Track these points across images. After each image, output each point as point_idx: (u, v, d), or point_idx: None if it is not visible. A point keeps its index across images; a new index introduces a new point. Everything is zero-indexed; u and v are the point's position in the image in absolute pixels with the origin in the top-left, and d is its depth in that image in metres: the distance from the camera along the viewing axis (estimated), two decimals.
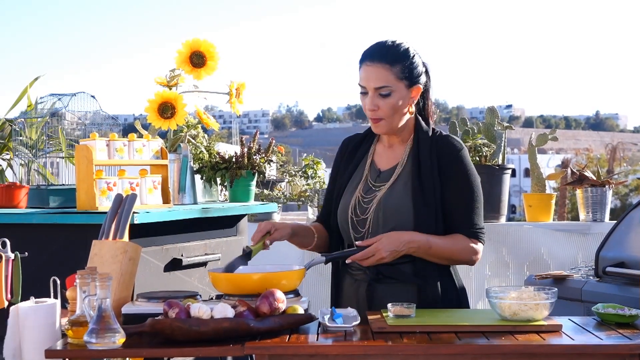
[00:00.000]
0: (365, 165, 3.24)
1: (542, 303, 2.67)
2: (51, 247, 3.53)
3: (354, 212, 3.15)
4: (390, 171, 3.17)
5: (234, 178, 4.42)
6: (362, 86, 3.09)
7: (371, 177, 3.20)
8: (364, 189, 3.18)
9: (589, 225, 5.18)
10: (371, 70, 3.06)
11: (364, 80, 3.08)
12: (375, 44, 3.13)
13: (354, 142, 3.34)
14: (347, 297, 3.18)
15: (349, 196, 3.19)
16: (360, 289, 3.14)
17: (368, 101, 3.08)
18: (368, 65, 3.07)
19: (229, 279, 2.85)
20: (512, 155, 54.87)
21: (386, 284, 3.09)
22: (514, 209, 43.12)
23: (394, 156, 3.21)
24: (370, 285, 3.10)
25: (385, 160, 3.22)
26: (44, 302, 2.59)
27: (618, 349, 2.45)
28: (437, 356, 2.46)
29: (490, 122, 5.36)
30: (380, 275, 3.09)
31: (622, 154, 30.45)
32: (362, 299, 3.11)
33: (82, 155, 3.52)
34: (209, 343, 2.44)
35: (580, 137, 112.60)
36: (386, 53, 3.07)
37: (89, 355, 2.38)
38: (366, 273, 3.12)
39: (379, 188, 3.15)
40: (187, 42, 4.26)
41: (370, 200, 3.13)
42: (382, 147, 3.26)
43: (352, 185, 3.22)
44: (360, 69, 3.10)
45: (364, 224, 3.12)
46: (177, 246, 3.79)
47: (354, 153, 3.30)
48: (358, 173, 3.24)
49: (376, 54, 3.08)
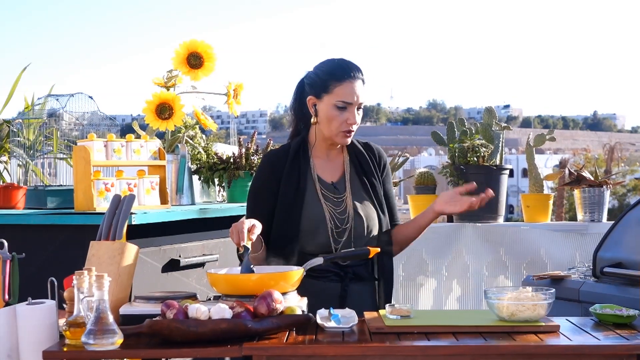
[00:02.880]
0: (313, 179, 3.29)
1: (540, 304, 2.67)
2: (49, 247, 3.52)
3: (333, 223, 3.23)
4: (342, 182, 3.32)
5: (231, 178, 4.42)
6: (346, 102, 3.19)
7: (327, 189, 3.28)
8: (328, 200, 3.26)
9: (587, 226, 5.18)
10: (357, 85, 3.21)
11: (350, 95, 3.19)
12: (345, 63, 3.26)
13: (281, 158, 3.30)
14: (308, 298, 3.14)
15: (316, 209, 3.23)
16: (330, 290, 3.21)
17: (351, 115, 3.21)
18: (352, 82, 3.20)
19: (227, 280, 2.85)
20: (510, 155, 54.85)
21: (356, 284, 3.25)
22: (512, 209, 43.11)
23: (335, 167, 3.35)
24: (346, 285, 3.23)
25: (330, 172, 3.34)
26: (42, 303, 2.59)
27: (616, 349, 2.46)
28: (435, 357, 2.46)
29: (488, 122, 5.36)
30: (354, 275, 3.25)
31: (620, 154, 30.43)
32: (333, 300, 3.16)
33: (80, 156, 3.52)
34: (206, 344, 2.44)
35: (578, 137, 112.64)
36: (360, 72, 3.25)
37: (86, 357, 2.38)
38: (340, 275, 3.23)
39: (342, 198, 3.28)
40: (184, 43, 4.26)
41: (344, 210, 3.26)
42: (320, 160, 3.34)
43: (310, 199, 3.25)
44: (342, 85, 3.20)
45: (342, 234, 3.24)
46: (175, 247, 3.79)
47: (293, 168, 3.28)
48: (309, 187, 3.27)
49: (356, 70, 3.24)
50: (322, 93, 3.21)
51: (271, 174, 3.30)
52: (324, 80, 3.22)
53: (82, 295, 2.46)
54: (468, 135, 5.26)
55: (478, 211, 5.15)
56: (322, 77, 3.23)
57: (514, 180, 49.48)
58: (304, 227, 3.22)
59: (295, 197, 3.24)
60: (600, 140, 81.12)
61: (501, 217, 5.36)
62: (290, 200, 3.24)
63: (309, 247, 3.22)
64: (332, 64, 3.25)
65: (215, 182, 4.55)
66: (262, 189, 3.30)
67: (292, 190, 3.25)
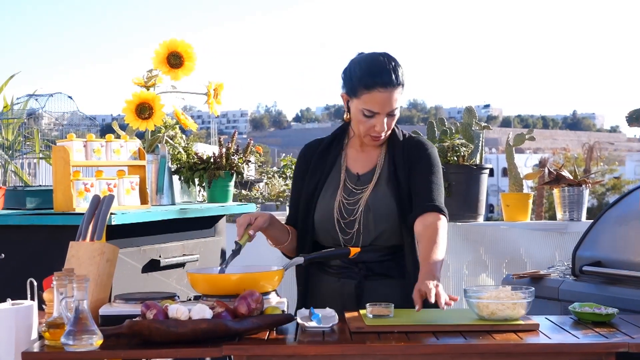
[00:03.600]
0: (340, 169, 3.25)
1: (520, 302, 2.68)
2: (28, 248, 3.51)
3: (340, 214, 3.16)
4: (369, 174, 3.21)
5: (212, 178, 4.42)
6: (373, 111, 3.08)
7: (350, 180, 3.22)
8: (346, 192, 3.19)
9: (566, 225, 5.20)
10: (386, 95, 3.06)
11: (378, 106, 3.06)
12: (381, 67, 3.08)
13: (318, 148, 3.32)
14: (327, 296, 3.17)
15: (329, 199, 3.20)
16: (347, 288, 3.15)
17: (379, 124, 3.09)
18: (381, 92, 3.05)
19: (208, 280, 2.85)
20: (490, 155, 55.05)
21: (375, 281, 3.14)
22: (492, 209, 43.25)
23: (369, 160, 3.24)
24: (360, 282, 3.14)
25: (361, 164, 3.25)
26: (21, 304, 2.57)
27: (595, 347, 2.47)
28: (415, 356, 2.46)
29: (468, 122, 5.37)
30: (370, 272, 3.14)
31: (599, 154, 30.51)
32: (349, 298, 3.12)
33: (59, 156, 3.50)
34: (187, 344, 2.44)
35: (557, 136, 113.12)
36: (396, 75, 3.07)
37: (66, 358, 2.37)
38: (354, 271, 3.15)
39: (361, 190, 3.18)
40: (164, 42, 4.24)
41: (355, 202, 3.16)
42: (354, 151, 3.28)
43: (329, 189, 3.22)
44: (370, 94, 3.06)
45: (352, 226, 3.15)
46: (155, 247, 3.78)
47: (323, 158, 3.29)
48: (333, 178, 3.24)
49: (387, 78, 3.05)
50: (352, 95, 3.12)
51: (303, 163, 3.33)
52: (354, 84, 3.10)
53: (62, 296, 2.45)
54: (448, 135, 5.27)
55: (458, 210, 5.21)
56: (353, 80, 3.11)
57: (494, 180, 49.65)
58: (317, 217, 3.21)
59: (315, 187, 3.24)
60: (580, 139, 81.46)
61: (481, 217, 5.38)
62: (311, 190, 3.24)
63: (321, 237, 3.21)
64: (364, 67, 3.09)
65: (196, 182, 4.54)
66: (295, 179, 3.36)
67: (315, 181, 3.25)
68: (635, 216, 3.73)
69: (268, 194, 6.58)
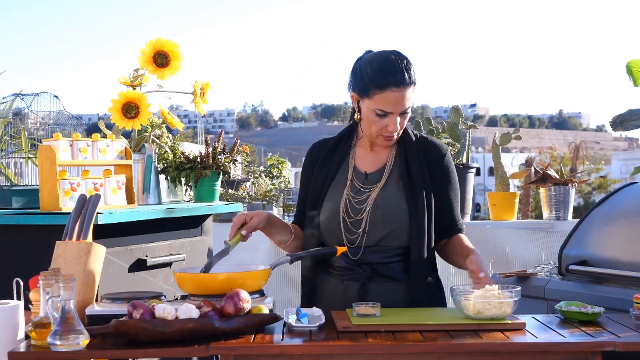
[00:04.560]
0: (348, 168, 3.22)
1: (506, 302, 2.68)
2: (14, 248, 3.50)
3: (346, 212, 3.13)
4: (378, 173, 3.18)
5: (198, 178, 4.41)
6: (386, 111, 3.04)
7: (357, 179, 3.18)
8: (353, 190, 3.16)
9: (552, 224, 5.22)
10: (399, 96, 3.01)
11: (391, 106, 3.02)
12: (393, 66, 3.04)
13: (326, 146, 3.30)
14: (331, 297, 3.14)
15: (336, 198, 3.16)
16: (350, 289, 3.12)
17: (392, 123, 3.05)
18: (394, 92, 3.00)
19: (194, 279, 2.84)
20: (477, 154, 55.17)
21: (379, 283, 3.11)
22: (479, 208, 43.32)
23: (379, 159, 3.21)
24: (364, 284, 3.11)
25: (370, 163, 3.21)
26: (7, 303, 2.56)
27: (581, 346, 2.47)
28: (402, 355, 2.46)
29: (454, 121, 5.39)
30: (374, 273, 3.12)
31: (585, 153, 30.64)
32: (353, 299, 3.06)
33: (45, 156, 3.49)
34: (173, 344, 2.43)
35: (543, 135, 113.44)
36: (409, 74, 3.03)
37: (52, 357, 2.36)
38: (358, 272, 3.12)
39: (369, 189, 3.15)
40: (150, 42, 4.23)
41: (363, 201, 3.13)
42: (363, 150, 3.24)
43: (336, 188, 3.19)
44: (383, 94, 3.01)
45: (358, 225, 3.11)
46: (142, 247, 3.77)
47: (330, 157, 3.26)
48: (340, 176, 3.21)
49: (400, 78, 3.01)
50: (364, 95, 3.07)
51: (309, 162, 3.31)
52: (365, 83, 3.05)
53: (48, 296, 2.44)
54: (435, 134, 5.28)
55: None
56: (364, 80, 3.06)
57: (480, 179, 49.74)
58: (322, 216, 3.18)
59: (322, 186, 3.21)
60: (566, 138, 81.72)
61: (468, 216, 5.39)
62: (318, 188, 3.21)
63: (326, 237, 3.18)
64: (376, 67, 3.04)
65: (182, 181, 4.53)
66: (302, 178, 3.34)
67: (321, 179, 3.22)
68: (621, 215, 3.74)
69: (255, 193, 6.57)
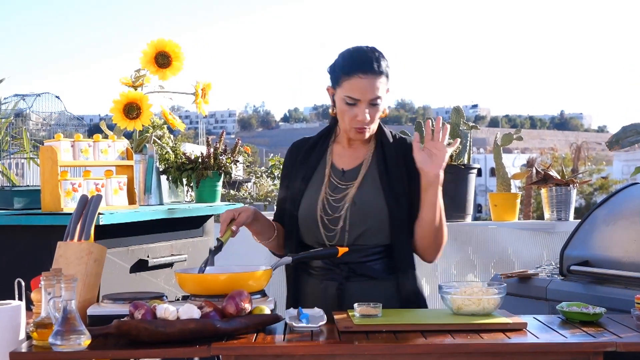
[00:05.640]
0: (325, 166, 3.21)
1: (486, 298, 2.70)
2: (16, 248, 3.50)
3: (324, 210, 3.12)
4: (355, 170, 3.17)
5: (200, 178, 4.41)
6: (354, 98, 3.04)
7: (335, 176, 3.18)
8: (331, 187, 3.16)
9: (554, 224, 5.21)
10: (367, 82, 3.02)
11: (358, 92, 3.02)
12: (363, 55, 3.07)
13: (305, 145, 3.31)
14: (312, 298, 3.15)
15: (314, 195, 3.16)
16: (329, 289, 3.12)
17: (361, 112, 3.05)
18: (362, 78, 3.01)
19: (196, 280, 2.85)
20: (478, 155, 55.16)
21: (357, 282, 3.10)
22: (480, 209, 43.31)
23: (356, 156, 3.21)
24: (341, 284, 3.10)
25: (347, 160, 3.21)
26: (9, 304, 2.57)
27: (582, 347, 2.47)
28: (403, 355, 2.46)
29: (456, 121, 5.38)
30: (352, 273, 3.10)
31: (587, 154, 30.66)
32: (331, 299, 3.08)
33: (47, 156, 3.49)
34: (175, 344, 2.43)
35: (545, 136, 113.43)
36: (378, 64, 3.05)
37: (54, 358, 2.36)
38: (336, 272, 3.12)
39: (347, 186, 3.14)
40: (152, 42, 4.24)
41: (341, 199, 3.12)
42: (340, 148, 3.24)
43: (313, 186, 3.19)
44: (351, 80, 3.03)
45: (336, 222, 3.11)
46: (143, 247, 3.77)
47: (309, 155, 3.27)
48: (318, 174, 3.21)
49: (368, 64, 3.03)
50: (336, 85, 3.10)
51: (292, 161, 3.31)
52: (336, 73, 3.09)
53: (50, 296, 2.44)
54: None
55: (446, 210, 5.20)
56: (335, 69, 3.10)
57: (481, 180, 49.74)
58: (300, 214, 3.17)
59: (300, 184, 3.21)
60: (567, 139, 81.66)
61: (469, 216, 5.38)
62: (297, 186, 3.21)
63: (304, 235, 3.18)
64: (347, 55, 3.09)
65: (184, 182, 4.54)
66: (282, 177, 3.35)
67: (300, 177, 3.22)
68: (622, 216, 3.74)
69: (256, 193, 6.58)
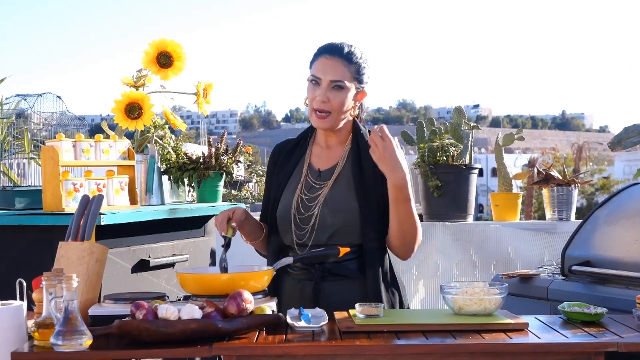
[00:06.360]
0: (303, 166, 3.26)
1: (487, 298, 2.70)
2: (17, 248, 3.50)
3: (297, 210, 3.16)
4: (330, 171, 3.21)
5: (201, 179, 4.41)
6: (316, 77, 3.13)
7: (311, 176, 3.22)
8: (306, 187, 3.20)
9: (555, 225, 5.21)
10: (330, 63, 3.12)
11: (320, 71, 3.13)
12: (336, 42, 3.19)
13: (286, 147, 3.36)
14: (290, 298, 3.16)
15: (289, 196, 3.20)
16: (306, 289, 3.15)
17: (320, 92, 3.12)
18: (327, 58, 3.13)
19: (197, 280, 2.85)
20: (480, 155, 55.16)
21: (332, 282, 3.13)
22: (482, 209, 43.34)
23: (333, 156, 3.25)
24: (317, 284, 3.13)
25: (324, 160, 3.25)
26: (10, 304, 2.57)
27: (584, 347, 2.47)
28: (405, 356, 2.47)
29: (457, 122, 5.38)
30: (327, 273, 3.13)
31: (588, 154, 30.68)
32: (308, 299, 3.11)
33: (48, 156, 3.50)
34: (176, 344, 2.43)
35: (546, 136, 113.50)
36: (346, 52, 3.14)
37: (55, 358, 2.36)
38: (311, 272, 3.15)
39: (321, 186, 3.18)
40: (153, 42, 4.24)
41: (314, 198, 3.16)
42: (319, 148, 3.29)
43: (291, 187, 3.23)
44: (317, 61, 3.15)
45: (307, 221, 3.14)
46: (145, 247, 3.77)
47: (289, 157, 3.31)
48: (296, 175, 3.25)
49: (336, 49, 3.15)
50: (310, 71, 3.18)
51: (274, 163, 3.35)
52: (311, 59, 3.20)
53: (51, 296, 2.44)
54: (437, 135, 5.27)
55: (447, 210, 5.22)
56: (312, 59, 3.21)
57: (483, 180, 49.74)
58: (278, 214, 3.21)
59: (279, 184, 3.25)
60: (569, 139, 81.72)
61: (471, 216, 5.38)
62: (276, 187, 3.26)
63: (281, 235, 3.21)
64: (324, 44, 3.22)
65: (185, 182, 4.54)
66: (266, 178, 3.38)
67: (280, 178, 3.26)
68: (624, 216, 3.74)
69: (258, 193, 6.58)
